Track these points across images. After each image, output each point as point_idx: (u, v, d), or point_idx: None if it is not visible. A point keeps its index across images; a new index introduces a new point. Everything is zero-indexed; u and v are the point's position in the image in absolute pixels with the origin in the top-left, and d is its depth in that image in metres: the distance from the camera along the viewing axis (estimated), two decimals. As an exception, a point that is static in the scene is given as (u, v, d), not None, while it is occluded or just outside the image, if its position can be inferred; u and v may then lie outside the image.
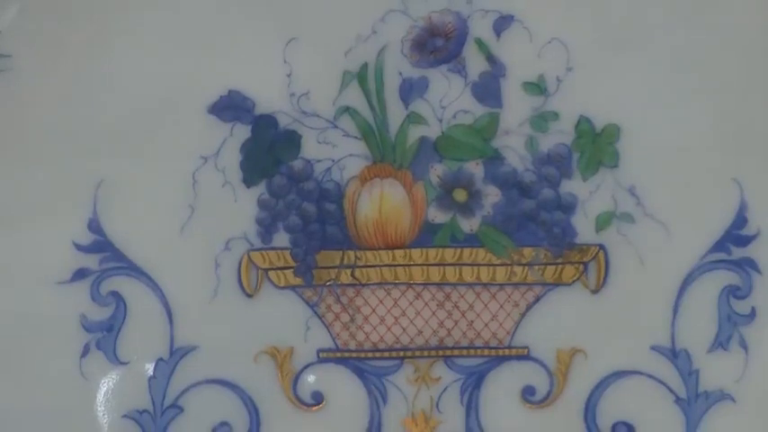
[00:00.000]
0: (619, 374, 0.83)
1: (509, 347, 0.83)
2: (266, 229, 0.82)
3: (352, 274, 0.82)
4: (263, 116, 0.81)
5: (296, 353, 0.83)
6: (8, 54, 0.81)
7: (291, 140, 0.82)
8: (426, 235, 0.82)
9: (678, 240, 0.82)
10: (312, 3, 0.81)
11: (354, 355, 0.83)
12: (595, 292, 0.83)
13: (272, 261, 0.82)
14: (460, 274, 0.82)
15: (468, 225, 0.82)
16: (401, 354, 0.83)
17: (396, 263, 0.82)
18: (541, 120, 0.81)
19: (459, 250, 0.82)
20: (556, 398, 0.84)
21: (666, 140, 0.82)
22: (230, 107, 0.81)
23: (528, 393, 0.84)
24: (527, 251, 0.82)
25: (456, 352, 0.83)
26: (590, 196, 0.82)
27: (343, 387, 0.84)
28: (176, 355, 0.83)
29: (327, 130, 0.82)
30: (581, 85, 0.81)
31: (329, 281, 0.82)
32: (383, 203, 0.81)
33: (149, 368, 0.83)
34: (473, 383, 0.84)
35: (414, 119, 0.81)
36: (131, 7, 0.81)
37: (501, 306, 0.83)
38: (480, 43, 0.81)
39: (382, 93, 0.81)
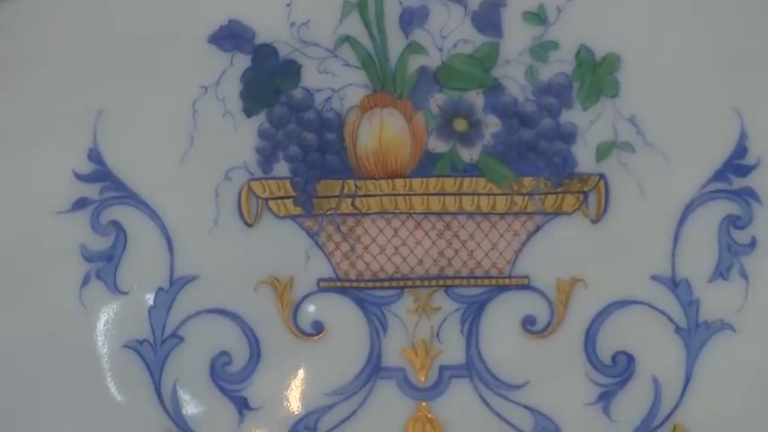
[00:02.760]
0: (619, 304, 0.83)
1: (509, 277, 0.83)
2: (266, 158, 0.82)
3: (353, 204, 0.82)
4: (263, 45, 0.81)
5: (296, 282, 0.84)
6: (8, -16, 0.82)
7: (291, 70, 0.81)
8: (426, 164, 0.82)
9: (678, 170, 0.82)
10: (312, -69, 0.81)
11: (355, 284, 0.83)
12: (596, 221, 0.83)
13: (273, 191, 0.82)
14: (461, 204, 0.82)
15: (469, 155, 0.82)
16: (401, 283, 0.83)
17: (396, 192, 0.82)
18: (541, 49, 0.81)
19: (459, 180, 0.82)
20: (556, 327, 0.84)
21: (667, 70, 0.81)
22: (230, 36, 0.81)
23: (528, 323, 0.84)
24: (527, 181, 0.82)
25: (456, 282, 0.83)
26: (590, 126, 0.82)
27: (343, 317, 0.84)
28: (176, 284, 0.83)
29: (327, 59, 0.81)
30: (581, 15, 0.81)
31: (329, 210, 0.82)
32: (383, 133, 0.81)
33: (149, 298, 0.84)
34: (473, 313, 0.84)
35: (414, 48, 0.81)
36: (132, -64, 0.82)
37: (501, 235, 0.83)
38: (480, -28, 0.81)
39: (382, 22, 0.81)
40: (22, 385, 0.83)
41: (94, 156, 0.83)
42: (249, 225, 0.83)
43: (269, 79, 0.82)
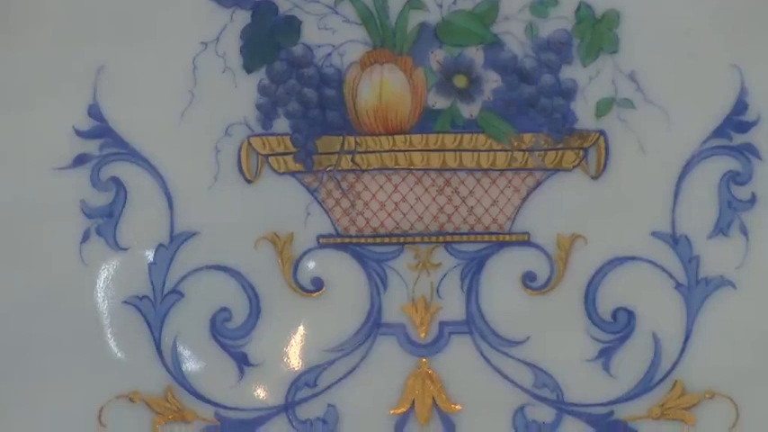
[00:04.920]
0: (619, 260, 0.83)
1: (509, 233, 0.83)
2: (266, 114, 0.82)
3: (353, 160, 0.82)
4: (263, 2, 0.81)
5: (296, 239, 0.84)
6: (9, -60, 0.82)
7: (291, 26, 0.81)
8: (427, 120, 0.82)
9: (678, 126, 0.82)
10: None
11: (354, 240, 0.83)
12: (596, 177, 0.83)
13: (273, 147, 0.82)
14: (461, 160, 0.82)
15: (469, 111, 0.82)
16: (401, 239, 0.83)
17: (396, 148, 0.82)
18: (541, 5, 0.81)
19: (459, 136, 0.82)
20: (556, 284, 0.84)
21: (666, 26, 0.81)
22: (230, -7, 0.82)
23: (528, 279, 0.84)
24: (527, 137, 0.82)
25: (456, 238, 0.83)
26: (590, 82, 0.82)
27: (343, 273, 0.84)
28: (176, 240, 0.83)
29: (327, 15, 0.81)
30: (580, -29, 0.81)
31: (329, 166, 0.82)
32: (383, 89, 0.81)
33: (149, 254, 0.84)
34: (473, 269, 0.84)
35: (414, 4, 0.81)
36: None
37: (501, 191, 0.83)
38: (480, -71, 0.81)
39: (382, -22, 0.81)
40: (22, 341, 0.83)
41: (95, 112, 0.83)
42: (249, 181, 0.83)
43: (269, 35, 0.82)
